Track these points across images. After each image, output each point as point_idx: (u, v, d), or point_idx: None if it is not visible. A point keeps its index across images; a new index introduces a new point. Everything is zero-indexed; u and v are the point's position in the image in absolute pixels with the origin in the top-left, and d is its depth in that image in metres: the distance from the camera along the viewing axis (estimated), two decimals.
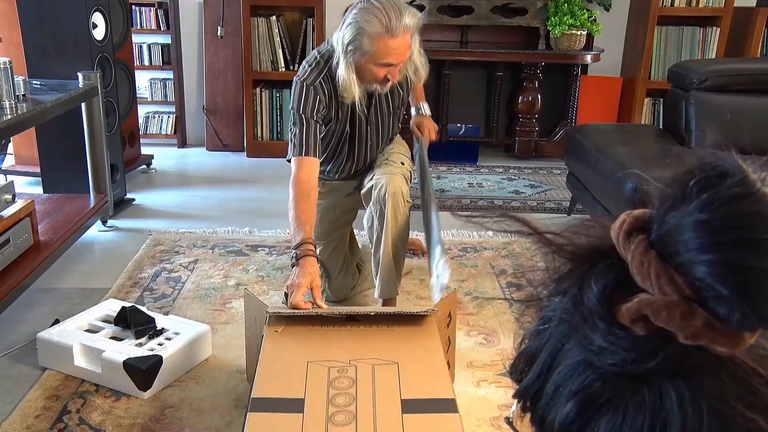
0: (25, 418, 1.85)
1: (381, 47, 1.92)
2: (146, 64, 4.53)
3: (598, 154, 2.95)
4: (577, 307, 0.49)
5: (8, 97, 2.41)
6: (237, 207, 3.56)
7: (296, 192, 2.03)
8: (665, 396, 0.46)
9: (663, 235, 0.46)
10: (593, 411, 0.48)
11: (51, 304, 2.48)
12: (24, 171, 3.79)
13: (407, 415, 1.32)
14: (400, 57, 1.97)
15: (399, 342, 1.61)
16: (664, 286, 0.45)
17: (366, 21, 1.90)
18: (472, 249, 3.03)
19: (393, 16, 1.88)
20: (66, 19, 3.20)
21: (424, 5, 4.20)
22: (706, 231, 0.43)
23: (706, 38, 4.28)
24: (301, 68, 2.15)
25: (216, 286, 2.64)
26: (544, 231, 0.53)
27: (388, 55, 1.94)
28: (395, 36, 1.90)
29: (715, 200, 0.43)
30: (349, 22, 1.95)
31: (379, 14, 1.88)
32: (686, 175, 0.46)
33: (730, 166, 0.44)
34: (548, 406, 0.52)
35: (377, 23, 1.88)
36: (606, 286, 0.48)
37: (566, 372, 0.51)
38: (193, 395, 1.97)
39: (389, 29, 1.89)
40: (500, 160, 4.49)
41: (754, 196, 0.43)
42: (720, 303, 0.43)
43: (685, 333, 0.44)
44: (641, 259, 0.46)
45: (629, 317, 0.46)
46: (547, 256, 0.52)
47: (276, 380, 1.43)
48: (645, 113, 4.46)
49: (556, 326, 0.53)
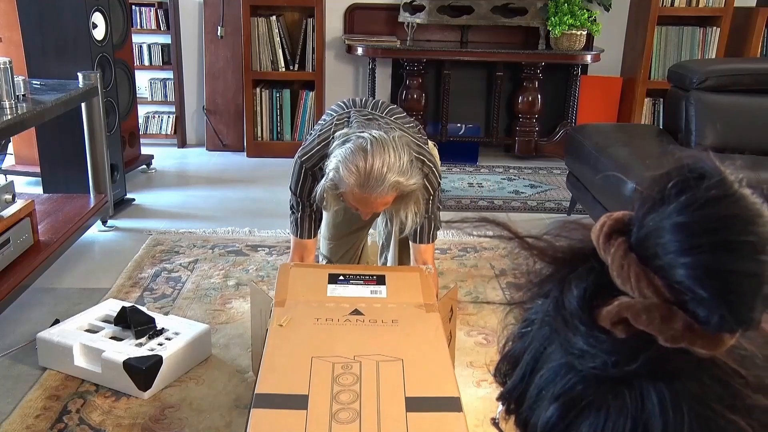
0: (25, 418, 1.85)
1: (351, 195, 1.74)
2: (146, 64, 4.53)
3: (598, 154, 2.95)
4: (559, 310, 0.49)
5: (8, 97, 2.41)
6: (237, 207, 3.55)
7: None
8: (647, 399, 0.46)
9: (642, 238, 0.46)
10: (575, 414, 0.48)
11: (51, 304, 2.48)
12: (24, 171, 3.79)
13: (411, 413, 1.32)
14: (370, 209, 1.80)
15: (404, 337, 1.61)
16: (643, 289, 0.45)
17: (346, 168, 1.69)
18: (472, 249, 3.03)
19: (374, 176, 1.66)
20: (66, 19, 3.20)
21: (424, 5, 4.20)
22: (685, 234, 0.43)
23: (706, 38, 4.28)
24: (306, 142, 2.00)
25: (216, 286, 2.63)
26: (524, 235, 0.53)
27: (356, 202, 1.77)
28: (366, 194, 1.71)
29: (692, 203, 0.43)
30: (339, 155, 1.73)
31: (362, 167, 1.67)
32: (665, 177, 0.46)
33: (708, 168, 0.44)
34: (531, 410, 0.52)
35: (353, 177, 1.68)
36: (586, 290, 0.48)
37: (549, 375, 0.51)
38: (193, 395, 1.97)
39: (361, 186, 1.69)
40: (500, 160, 4.49)
41: (732, 198, 0.43)
42: (699, 305, 0.43)
43: (665, 336, 0.44)
44: (621, 262, 0.46)
45: (609, 320, 0.46)
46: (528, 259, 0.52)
47: (280, 376, 1.43)
48: (645, 113, 4.46)
49: (538, 329, 0.53)
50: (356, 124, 1.86)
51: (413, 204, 1.82)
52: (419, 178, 1.78)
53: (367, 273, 1.88)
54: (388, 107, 2.08)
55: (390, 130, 1.79)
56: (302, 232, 2.05)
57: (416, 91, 4.27)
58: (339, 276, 1.85)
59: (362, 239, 2.43)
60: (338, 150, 1.74)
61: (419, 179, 1.78)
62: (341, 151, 1.72)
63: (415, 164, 1.79)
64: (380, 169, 1.67)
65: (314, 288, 1.81)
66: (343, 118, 1.98)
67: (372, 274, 1.88)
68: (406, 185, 1.72)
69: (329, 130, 1.92)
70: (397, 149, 1.71)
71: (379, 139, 1.70)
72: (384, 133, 1.73)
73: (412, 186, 1.74)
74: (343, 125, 1.91)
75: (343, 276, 1.86)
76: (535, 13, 4.22)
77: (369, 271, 1.90)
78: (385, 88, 4.56)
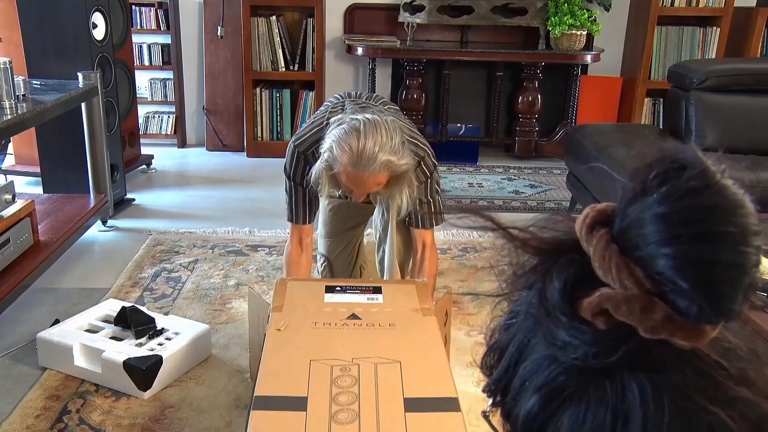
0: (25, 418, 1.85)
1: (344, 174, 1.79)
2: (146, 64, 4.53)
3: (598, 154, 2.95)
4: (542, 301, 0.49)
5: (8, 97, 2.41)
6: (237, 207, 3.55)
7: (287, 260, 2.15)
8: (627, 390, 0.46)
9: (624, 229, 0.46)
10: (556, 405, 0.48)
11: (51, 304, 2.48)
12: (24, 171, 3.79)
13: (410, 413, 1.32)
14: (363, 189, 1.85)
15: (401, 340, 1.61)
16: (624, 280, 0.45)
17: (339, 147, 1.76)
18: (472, 249, 3.03)
19: (366, 154, 1.72)
20: (66, 19, 3.20)
21: (424, 5, 4.20)
22: (665, 224, 0.43)
23: (706, 38, 4.28)
24: (301, 128, 2.08)
25: (216, 286, 2.64)
26: (509, 226, 0.53)
27: (349, 182, 1.81)
28: (359, 172, 1.76)
29: (673, 193, 0.43)
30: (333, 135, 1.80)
31: (354, 146, 1.73)
32: (647, 168, 0.46)
33: (690, 159, 0.44)
34: (515, 401, 0.52)
35: (346, 156, 1.74)
36: (567, 281, 0.48)
37: (532, 366, 0.51)
38: (193, 395, 1.97)
39: (354, 165, 1.74)
40: (500, 160, 4.49)
41: (713, 188, 0.43)
42: (679, 296, 0.43)
43: (644, 326, 0.44)
44: (603, 253, 0.46)
45: (590, 311, 0.46)
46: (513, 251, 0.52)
47: (279, 378, 1.43)
48: (645, 113, 4.46)
49: (523, 321, 0.53)
50: (350, 111, 1.91)
51: (407, 187, 1.87)
52: (411, 158, 1.83)
53: (364, 284, 1.90)
54: (382, 100, 2.15)
55: (383, 115, 1.85)
56: (296, 216, 2.10)
57: (416, 91, 4.27)
58: (336, 287, 1.87)
59: (359, 236, 2.46)
60: (333, 131, 1.81)
61: (411, 160, 1.83)
62: (335, 132, 1.79)
63: (408, 146, 1.84)
64: (372, 148, 1.73)
65: (311, 296, 1.83)
66: (337, 106, 2.05)
67: (368, 285, 1.90)
68: (397, 165, 1.78)
69: (324, 117, 1.99)
70: (389, 131, 1.77)
71: (372, 121, 1.77)
72: (377, 117, 1.80)
73: (404, 166, 1.80)
74: (337, 112, 1.97)
75: (340, 287, 1.87)
76: (535, 13, 4.22)
77: (365, 283, 1.92)
78: (385, 88, 4.56)
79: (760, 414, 0.46)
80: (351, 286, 1.88)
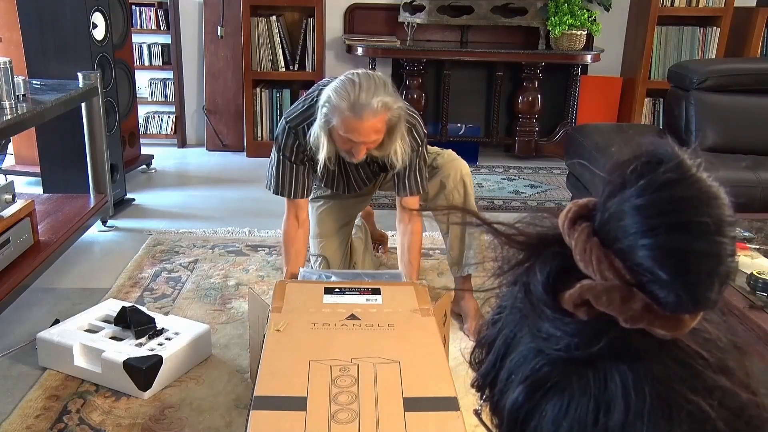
0: (25, 418, 1.85)
1: (344, 122, 1.91)
2: (146, 64, 4.53)
3: (598, 154, 2.95)
4: (527, 295, 0.50)
5: (8, 97, 2.41)
6: (237, 207, 3.56)
7: (284, 236, 2.25)
8: (609, 380, 0.47)
9: (604, 222, 0.47)
10: (540, 395, 0.49)
11: (51, 304, 2.48)
12: (24, 171, 3.79)
13: (409, 413, 1.33)
14: (363, 137, 1.93)
15: (400, 341, 1.62)
16: (604, 272, 0.46)
17: (337, 94, 1.90)
18: None
19: (363, 97, 1.87)
20: (66, 19, 3.20)
21: (424, 5, 4.20)
22: (643, 216, 0.45)
23: (706, 38, 4.28)
24: (293, 107, 2.18)
25: (216, 286, 2.64)
26: (494, 222, 0.54)
27: (349, 131, 1.92)
28: (358, 116, 1.88)
29: (650, 185, 0.45)
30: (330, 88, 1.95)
31: (351, 92, 1.88)
32: (626, 162, 0.47)
33: (666, 153, 0.46)
34: (501, 393, 0.53)
35: (344, 101, 1.88)
36: (550, 274, 0.49)
37: (518, 359, 0.52)
38: (193, 395, 1.97)
39: (353, 108, 1.88)
40: (500, 160, 4.49)
41: (688, 180, 0.44)
42: (658, 286, 0.45)
43: (624, 316, 0.45)
44: (584, 245, 0.47)
45: (572, 303, 0.47)
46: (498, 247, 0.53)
47: (278, 378, 1.44)
48: (645, 113, 4.46)
49: (509, 315, 0.54)
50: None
51: (400, 139, 2.02)
52: (403, 104, 1.99)
53: (363, 286, 1.91)
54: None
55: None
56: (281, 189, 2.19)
57: (416, 91, 4.27)
58: (335, 288, 1.88)
59: (350, 233, 2.57)
60: (329, 87, 1.96)
61: (402, 105, 1.98)
62: (333, 85, 1.95)
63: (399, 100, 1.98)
64: (368, 92, 1.88)
65: (310, 297, 1.83)
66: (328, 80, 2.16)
67: (367, 286, 1.90)
68: (393, 107, 1.93)
69: (314, 94, 2.10)
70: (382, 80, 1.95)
71: (366, 73, 1.95)
72: (369, 71, 1.98)
73: (398, 110, 1.95)
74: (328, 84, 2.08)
75: (339, 288, 1.88)
76: (535, 13, 4.22)
77: (364, 285, 1.93)
78: None
79: (739, 403, 0.47)
80: (350, 288, 1.89)
